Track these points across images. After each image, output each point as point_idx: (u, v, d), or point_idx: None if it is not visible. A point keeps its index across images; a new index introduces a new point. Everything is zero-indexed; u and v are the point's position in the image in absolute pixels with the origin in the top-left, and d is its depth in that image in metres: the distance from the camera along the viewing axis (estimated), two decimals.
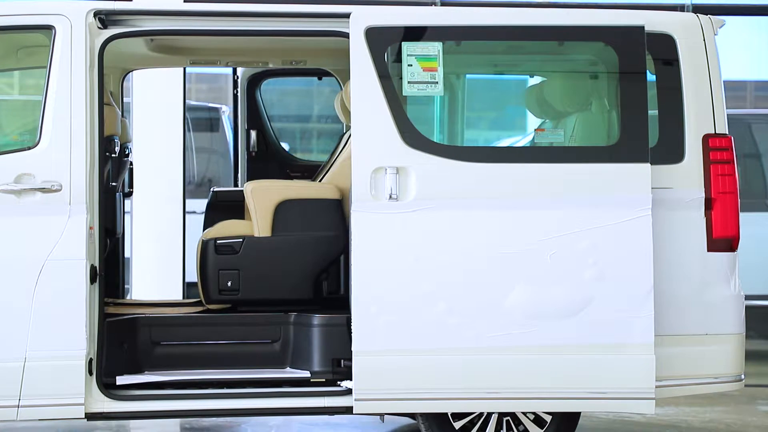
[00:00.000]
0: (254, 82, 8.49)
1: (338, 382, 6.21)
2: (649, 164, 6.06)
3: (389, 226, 5.99)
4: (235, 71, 8.47)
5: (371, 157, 6.03)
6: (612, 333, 6.00)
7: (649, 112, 6.21)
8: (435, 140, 6.23)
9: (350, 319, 6.03)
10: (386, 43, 6.10)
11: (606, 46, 6.26)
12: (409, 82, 6.10)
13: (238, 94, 8.48)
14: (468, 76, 8.11)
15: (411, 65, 6.11)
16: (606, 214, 6.02)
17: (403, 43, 6.11)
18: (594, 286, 6.00)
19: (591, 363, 6.01)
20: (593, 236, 6.00)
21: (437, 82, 6.12)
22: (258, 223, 6.56)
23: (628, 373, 6.01)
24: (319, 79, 8.55)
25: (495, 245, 5.99)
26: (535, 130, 6.87)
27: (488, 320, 5.97)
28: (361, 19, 6.09)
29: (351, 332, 6.01)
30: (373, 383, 5.98)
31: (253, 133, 8.49)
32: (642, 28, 6.15)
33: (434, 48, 6.12)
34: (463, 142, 8.50)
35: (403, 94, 6.09)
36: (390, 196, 6.00)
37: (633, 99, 6.14)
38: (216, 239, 6.63)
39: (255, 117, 8.57)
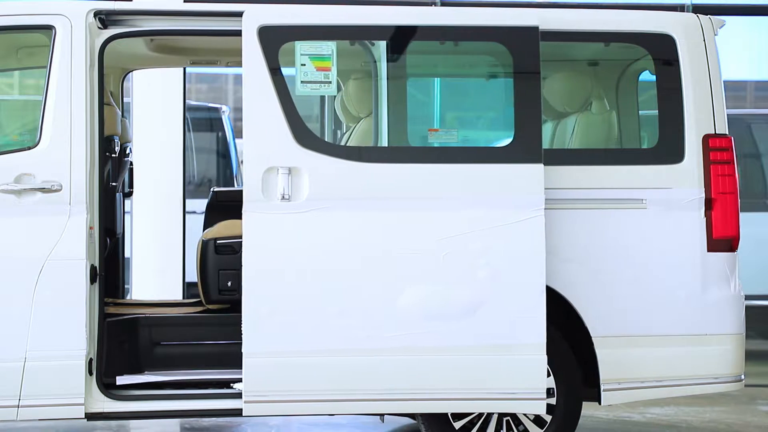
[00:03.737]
0: None
1: (231, 384, 6.15)
2: (542, 165, 6.00)
3: (281, 227, 5.90)
4: None
5: (263, 157, 5.93)
6: (505, 334, 5.94)
7: (650, 112, 6.19)
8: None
9: None
10: (279, 42, 6.01)
11: (500, 46, 6.20)
12: (302, 82, 6.02)
13: None
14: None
15: (304, 65, 6.03)
16: (499, 214, 5.96)
17: (296, 42, 6.04)
18: (487, 287, 5.93)
19: (485, 363, 5.94)
20: (486, 237, 5.94)
21: (330, 82, 6.07)
22: None
23: (520, 373, 5.95)
24: None
25: (388, 246, 5.91)
26: (428, 130, 6.82)
27: (382, 321, 5.90)
28: (254, 17, 6.01)
29: None
30: (264, 385, 5.88)
31: None
32: (536, 28, 6.10)
33: (328, 47, 6.07)
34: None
35: (297, 93, 6.02)
36: (282, 197, 5.91)
37: (526, 100, 6.08)
38: (216, 239, 6.63)
39: None
